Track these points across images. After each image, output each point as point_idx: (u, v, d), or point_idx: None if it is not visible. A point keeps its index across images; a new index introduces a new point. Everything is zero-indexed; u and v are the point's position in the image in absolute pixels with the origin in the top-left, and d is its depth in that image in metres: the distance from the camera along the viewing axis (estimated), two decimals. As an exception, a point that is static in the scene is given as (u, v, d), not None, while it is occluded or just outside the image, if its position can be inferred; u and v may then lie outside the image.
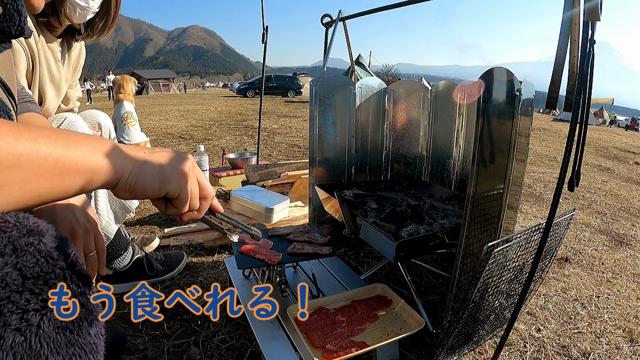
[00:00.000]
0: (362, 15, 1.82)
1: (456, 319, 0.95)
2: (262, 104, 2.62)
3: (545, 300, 1.48)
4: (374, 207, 1.46)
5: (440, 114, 1.71)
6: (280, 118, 8.31)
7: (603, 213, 2.82)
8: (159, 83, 33.62)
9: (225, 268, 1.55)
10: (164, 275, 1.49)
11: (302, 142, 5.11)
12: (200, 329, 1.23)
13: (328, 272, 1.39)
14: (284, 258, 1.14)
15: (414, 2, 1.50)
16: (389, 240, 1.12)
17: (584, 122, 0.77)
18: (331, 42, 1.83)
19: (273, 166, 2.35)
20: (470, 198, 0.96)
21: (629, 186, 4.05)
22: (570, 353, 1.18)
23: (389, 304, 1.11)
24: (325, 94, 1.65)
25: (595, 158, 6.04)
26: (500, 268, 0.95)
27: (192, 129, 6.11)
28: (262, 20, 2.40)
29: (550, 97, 0.90)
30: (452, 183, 1.69)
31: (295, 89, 20.59)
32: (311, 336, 0.95)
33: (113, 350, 1.08)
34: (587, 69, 0.73)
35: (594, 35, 0.72)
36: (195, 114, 8.60)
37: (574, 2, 0.79)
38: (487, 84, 0.93)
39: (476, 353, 1.16)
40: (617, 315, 1.41)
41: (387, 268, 1.64)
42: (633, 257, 2.02)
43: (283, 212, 1.90)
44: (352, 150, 1.79)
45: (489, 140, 0.97)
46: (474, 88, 1.52)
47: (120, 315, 1.29)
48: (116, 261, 1.37)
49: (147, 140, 3.93)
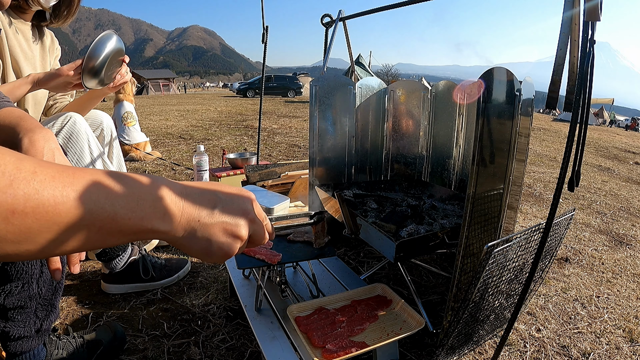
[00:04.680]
0: (362, 15, 1.82)
1: (456, 319, 0.95)
2: (262, 104, 2.62)
3: (545, 300, 1.48)
4: (374, 207, 1.46)
5: (440, 114, 1.71)
6: (280, 118, 8.31)
7: (603, 213, 2.82)
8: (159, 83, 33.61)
9: (225, 268, 1.55)
10: (159, 281, 1.45)
11: (302, 142, 5.11)
12: (200, 329, 1.23)
13: (328, 272, 1.39)
14: (284, 258, 1.14)
15: (414, 2, 1.50)
16: (389, 240, 1.12)
17: (584, 122, 0.77)
18: (331, 42, 1.83)
19: (273, 166, 2.34)
20: (470, 198, 0.96)
21: (629, 186, 4.05)
22: (570, 353, 1.18)
23: (389, 304, 1.11)
24: (325, 94, 1.65)
25: (595, 158, 6.04)
26: (500, 268, 0.95)
27: (192, 129, 6.11)
28: (262, 20, 2.40)
29: (550, 97, 0.90)
30: (452, 183, 1.69)
31: (295, 89, 20.58)
32: (311, 336, 0.95)
33: (112, 350, 1.08)
34: (587, 69, 0.73)
35: (594, 35, 0.73)
36: (195, 114, 8.60)
37: (574, 2, 0.79)
38: (487, 84, 0.93)
39: (476, 353, 1.16)
40: (617, 315, 1.41)
41: (387, 268, 1.64)
42: (633, 257, 2.02)
43: (283, 212, 1.90)
44: (352, 150, 1.79)
45: (489, 140, 0.97)
46: (474, 88, 1.52)
47: (120, 315, 1.29)
48: (114, 262, 1.37)
49: (147, 140, 3.94)
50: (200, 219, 0.43)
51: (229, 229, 0.46)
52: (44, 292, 0.82)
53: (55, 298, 0.87)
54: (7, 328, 0.80)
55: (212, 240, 0.45)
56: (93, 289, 1.44)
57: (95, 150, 1.22)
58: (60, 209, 0.33)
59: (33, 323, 0.83)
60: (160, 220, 0.40)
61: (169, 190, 0.41)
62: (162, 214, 0.40)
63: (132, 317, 1.28)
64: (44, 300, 0.84)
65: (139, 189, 0.39)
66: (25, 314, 0.82)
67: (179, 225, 0.42)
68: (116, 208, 0.36)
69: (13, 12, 1.14)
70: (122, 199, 0.37)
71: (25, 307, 0.81)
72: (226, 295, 1.42)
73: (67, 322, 1.25)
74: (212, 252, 0.45)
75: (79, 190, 0.34)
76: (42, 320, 0.85)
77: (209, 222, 0.44)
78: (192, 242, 0.44)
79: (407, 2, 1.54)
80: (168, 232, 0.41)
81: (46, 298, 0.84)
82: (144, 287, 1.43)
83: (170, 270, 1.50)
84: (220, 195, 0.46)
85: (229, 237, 0.46)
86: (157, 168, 3.45)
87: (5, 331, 0.80)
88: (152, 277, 1.44)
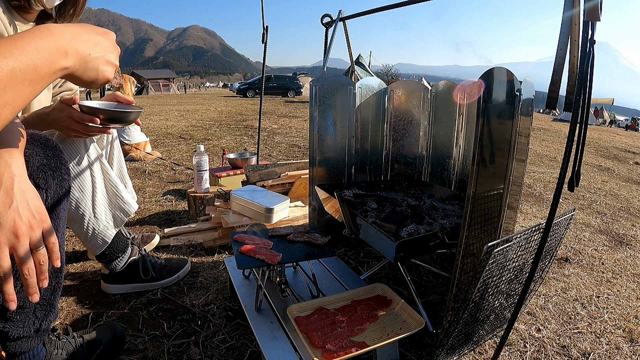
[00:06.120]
0: (362, 15, 1.82)
1: (456, 319, 0.95)
2: (262, 104, 2.62)
3: (545, 300, 1.48)
4: (374, 207, 1.46)
5: (440, 114, 1.71)
6: (280, 118, 8.31)
7: (603, 213, 2.82)
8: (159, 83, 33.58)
9: (225, 268, 1.55)
10: (159, 281, 1.45)
11: (302, 142, 5.11)
12: (200, 329, 1.23)
13: (328, 272, 1.39)
14: (284, 258, 1.14)
15: (414, 2, 1.50)
16: (389, 240, 1.12)
17: (584, 122, 0.77)
18: (331, 42, 1.83)
19: (273, 166, 2.35)
20: (470, 198, 0.96)
21: (629, 186, 4.05)
22: (570, 353, 1.18)
23: (389, 304, 1.11)
24: (325, 94, 1.65)
25: (595, 158, 6.04)
26: (500, 268, 0.95)
27: (192, 129, 6.11)
28: (262, 20, 2.40)
29: (550, 97, 0.90)
30: (452, 183, 1.69)
31: (295, 89, 20.58)
32: (311, 336, 0.95)
33: (112, 350, 1.08)
34: (587, 69, 0.73)
35: (594, 35, 0.72)
36: (195, 114, 8.60)
37: (574, 2, 0.79)
38: (487, 84, 0.93)
39: (476, 353, 1.16)
40: (617, 315, 1.41)
41: (387, 268, 1.64)
42: (633, 257, 2.02)
43: (283, 212, 1.90)
44: (352, 150, 1.79)
45: (489, 140, 0.97)
46: (474, 88, 1.52)
47: (120, 315, 1.29)
48: (113, 263, 1.37)
49: (147, 140, 3.94)
50: (90, 54, 0.62)
51: (107, 59, 0.65)
52: (42, 292, 0.82)
53: (54, 298, 0.87)
54: (6, 328, 0.80)
55: (99, 68, 0.64)
56: (93, 289, 1.44)
57: (92, 152, 1.22)
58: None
59: (32, 323, 0.83)
60: (64, 59, 0.57)
61: (65, 37, 0.58)
62: (64, 54, 0.57)
63: (132, 317, 1.28)
64: (42, 300, 0.84)
65: (47, 42, 0.55)
66: (24, 314, 0.81)
67: (76, 61, 0.59)
68: (35, 61, 0.52)
69: (16, 13, 1.13)
70: (39, 53, 0.53)
71: (24, 307, 0.81)
72: (226, 295, 1.42)
73: (67, 322, 1.25)
74: (98, 78, 0.64)
75: (12, 59, 0.49)
76: (41, 320, 0.85)
77: (95, 56, 0.63)
78: (86, 72, 0.62)
79: (407, 2, 1.54)
80: (70, 66, 0.58)
81: (45, 298, 0.84)
82: (144, 287, 1.43)
83: (170, 270, 1.50)
84: (97, 37, 0.64)
85: (108, 65, 0.66)
86: (157, 168, 3.45)
87: (5, 331, 0.80)
88: (152, 277, 1.44)
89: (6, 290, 0.58)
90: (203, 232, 1.92)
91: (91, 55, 0.62)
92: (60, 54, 0.56)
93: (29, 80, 0.51)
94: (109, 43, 0.66)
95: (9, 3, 1.08)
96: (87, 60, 0.61)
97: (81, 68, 0.61)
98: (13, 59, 0.50)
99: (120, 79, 2.98)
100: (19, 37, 0.52)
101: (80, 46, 0.60)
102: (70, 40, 0.58)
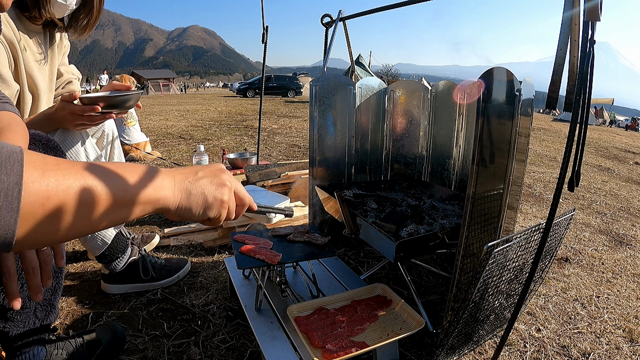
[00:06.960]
0: (362, 15, 1.82)
1: (456, 319, 0.95)
2: (262, 104, 2.62)
3: (545, 300, 1.48)
4: (374, 207, 1.46)
5: (440, 114, 1.71)
6: (280, 118, 8.31)
7: (603, 213, 2.82)
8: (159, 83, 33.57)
9: (225, 268, 1.55)
10: (159, 281, 1.45)
11: (302, 142, 5.11)
12: (200, 329, 1.23)
13: (328, 272, 1.39)
14: (284, 258, 1.14)
15: (414, 2, 1.50)
16: (389, 240, 1.12)
17: (584, 122, 0.77)
18: (331, 42, 1.83)
19: (273, 166, 2.35)
20: (470, 198, 0.96)
21: (629, 186, 4.05)
22: (570, 353, 1.18)
23: (389, 304, 1.11)
24: (325, 94, 1.65)
25: (595, 158, 6.04)
26: (500, 268, 0.95)
27: (192, 129, 6.11)
28: (262, 20, 2.40)
29: (550, 97, 0.90)
30: (452, 183, 1.69)
31: (295, 89, 20.57)
32: (311, 336, 0.95)
33: (112, 350, 1.08)
34: (587, 69, 0.73)
35: (594, 35, 0.72)
36: (195, 114, 8.59)
37: (574, 2, 0.79)
38: (487, 84, 0.93)
39: (476, 353, 1.16)
40: (617, 315, 1.41)
41: (387, 268, 1.64)
42: (633, 257, 2.02)
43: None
44: (352, 150, 1.79)
45: (489, 140, 0.97)
46: (474, 88, 1.52)
47: (120, 315, 1.29)
48: (113, 263, 1.37)
49: (147, 140, 3.94)
50: (189, 180, 0.56)
51: (214, 181, 0.58)
52: (43, 292, 0.82)
53: (55, 298, 0.87)
54: (7, 328, 0.80)
55: (205, 192, 0.57)
56: (93, 289, 1.44)
57: (91, 152, 1.22)
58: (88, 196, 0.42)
59: (32, 323, 0.83)
60: (162, 190, 0.52)
61: (159, 171, 0.54)
62: (161, 186, 0.52)
63: (132, 317, 1.28)
64: (43, 300, 0.84)
65: (144, 175, 0.51)
66: (24, 314, 0.81)
67: (176, 189, 0.54)
68: (134, 190, 0.48)
69: (25, 20, 1.12)
70: (137, 184, 0.49)
71: (24, 307, 0.81)
72: (226, 295, 1.42)
73: (67, 322, 1.25)
74: (210, 204, 0.57)
75: (106, 181, 0.45)
76: (42, 320, 0.85)
77: (197, 180, 0.57)
78: (191, 200, 0.55)
79: (407, 2, 1.54)
80: (168, 197, 0.52)
81: (45, 298, 0.84)
82: (144, 287, 1.43)
83: (170, 270, 1.50)
84: (198, 167, 0.60)
85: (218, 187, 0.58)
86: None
87: (5, 331, 0.80)
88: (152, 277, 1.44)
89: (11, 290, 0.58)
90: (203, 232, 1.92)
91: (191, 181, 0.58)
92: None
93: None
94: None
95: (20, 12, 1.09)
96: (189, 188, 0.58)
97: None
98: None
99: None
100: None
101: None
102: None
